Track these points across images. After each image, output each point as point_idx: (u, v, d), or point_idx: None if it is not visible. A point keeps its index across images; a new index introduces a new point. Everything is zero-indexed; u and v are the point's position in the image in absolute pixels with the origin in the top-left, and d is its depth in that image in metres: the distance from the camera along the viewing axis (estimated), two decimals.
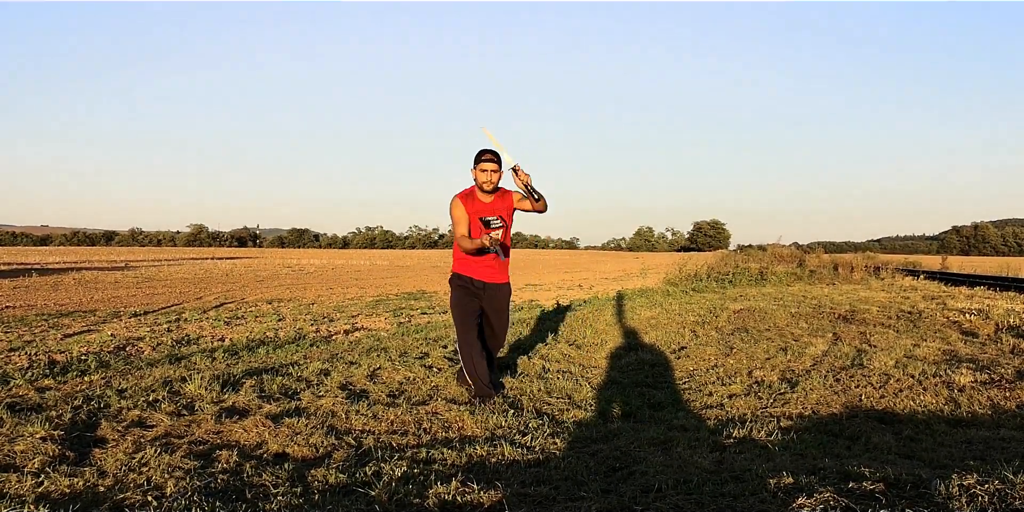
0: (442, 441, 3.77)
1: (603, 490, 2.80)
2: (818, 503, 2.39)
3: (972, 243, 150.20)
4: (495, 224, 4.95)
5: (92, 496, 2.86)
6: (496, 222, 4.95)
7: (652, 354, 6.98)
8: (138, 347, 7.27)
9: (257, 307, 12.25)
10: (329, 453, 3.53)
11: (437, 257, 61.72)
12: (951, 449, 3.56)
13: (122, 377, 5.42)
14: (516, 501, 2.67)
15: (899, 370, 5.75)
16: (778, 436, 3.79)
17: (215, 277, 22.28)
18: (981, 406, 4.69)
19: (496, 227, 4.94)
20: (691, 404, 4.94)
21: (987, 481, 2.46)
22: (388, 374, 5.67)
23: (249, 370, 5.70)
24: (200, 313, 10.96)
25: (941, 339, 7.68)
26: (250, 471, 3.14)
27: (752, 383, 5.53)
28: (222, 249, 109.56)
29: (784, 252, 24.51)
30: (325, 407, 4.49)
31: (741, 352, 6.90)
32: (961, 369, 5.69)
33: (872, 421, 4.27)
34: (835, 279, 19.11)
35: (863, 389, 5.17)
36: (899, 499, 2.42)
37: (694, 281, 18.36)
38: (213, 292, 15.70)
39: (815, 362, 6.29)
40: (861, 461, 3.11)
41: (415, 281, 21.64)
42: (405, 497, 2.73)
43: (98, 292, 14.88)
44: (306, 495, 2.82)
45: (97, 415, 4.22)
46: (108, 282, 18.40)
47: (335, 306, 12.59)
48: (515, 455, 3.40)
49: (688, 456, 3.31)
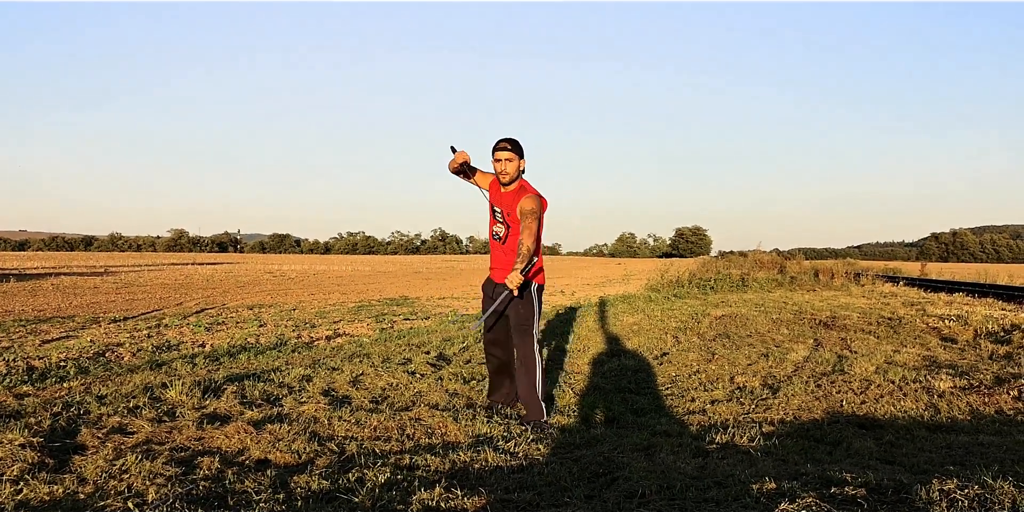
0: (425, 447, 3.76)
1: (587, 496, 2.80)
2: (800, 508, 2.40)
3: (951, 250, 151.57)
4: (498, 217, 4.50)
5: (72, 503, 2.83)
6: (500, 216, 4.49)
7: (635, 360, 6.99)
8: (118, 353, 7.20)
9: (238, 313, 12.18)
10: (312, 459, 3.51)
11: (419, 263, 61.64)
12: (931, 454, 3.59)
13: (102, 383, 5.37)
14: (500, 507, 2.67)
15: (879, 376, 5.80)
16: (760, 441, 3.81)
17: (196, 283, 22.13)
18: (960, 412, 4.74)
19: (500, 221, 4.50)
20: (674, 410, 4.95)
21: (967, 486, 2.48)
22: (371, 380, 5.65)
23: (231, 376, 5.67)
24: (181, 319, 10.88)
25: (921, 345, 7.75)
26: (232, 478, 3.12)
27: (734, 389, 5.55)
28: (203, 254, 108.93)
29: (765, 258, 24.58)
30: (307, 413, 4.47)
31: (723, 358, 6.93)
32: (941, 375, 5.74)
33: (853, 427, 4.30)
34: (816, 285, 19.23)
35: (844, 395, 5.20)
36: (881, 504, 2.44)
37: (676, 287, 18.42)
38: (194, 298, 15.59)
39: (796, 368, 6.33)
40: (843, 466, 3.13)
41: (397, 287, 21.60)
42: (389, 503, 2.72)
43: (77, 298, 14.75)
44: (289, 502, 2.80)
45: (77, 422, 4.17)
46: (87, 287, 18.24)
47: (317, 312, 12.54)
48: (499, 461, 3.40)
49: (671, 462, 3.32)
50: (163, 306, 13.33)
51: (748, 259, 26.15)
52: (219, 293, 17.41)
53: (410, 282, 25.39)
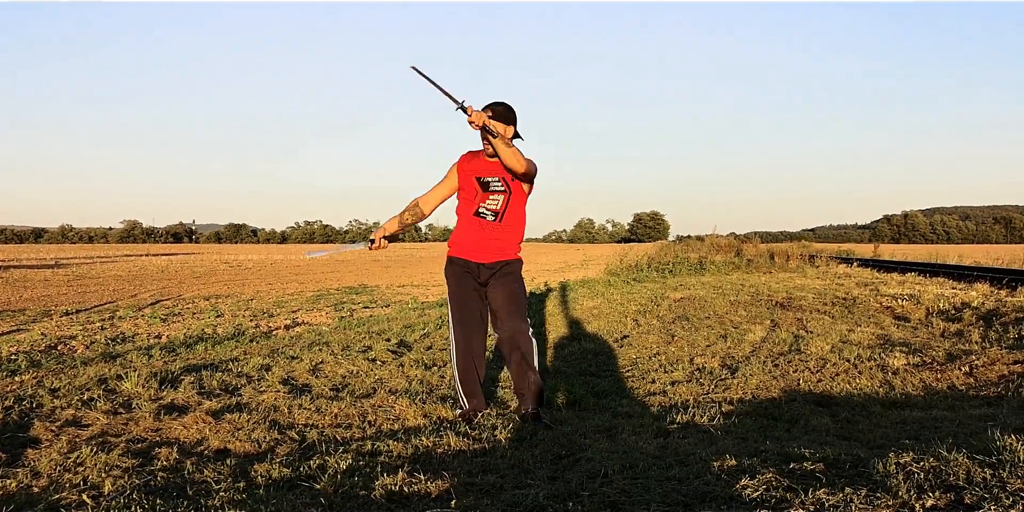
0: (387, 433, 3.74)
1: (550, 477, 2.80)
2: (761, 483, 2.43)
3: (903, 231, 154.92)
4: (495, 187, 4.07)
5: (26, 497, 2.77)
6: (497, 184, 4.07)
7: (595, 343, 7.02)
8: (71, 346, 7.06)
9: (195, 304, 12.02)
10: (272, 448, 3.48)
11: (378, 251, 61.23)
12: (887, 430, 3.65)
13: (55, 376, 5.26)
14: (463, 490, 2.66)
15: (835, 355, 5.90)
16: (720, 421, 3.85)
17: (150, 274, 21.79)
18: (914, 388, 4.84)
19: (496, 191, 4.08)
20: (635, 391, 4.99)
21: (922, 459, 2.53)
22: (331, 368, 5.61)
23: (188, 367, 5.59)
24: (135, 311, 10.71)
25: (875, 324, 7.89)
26: (191, 468, 3.08)
27: (694, 370, 5.60)
28: (157, 245, 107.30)
29: (722, 242, 24.83)
30: (267, 402, 4.43)
31: (682, 340, 6.99)
32: (894, 353, 5.85)
33: (810, 404, 4.37)
34: (772, 268, 19.48)
35: (801, 374, 5.28)
36: (839, 478, 2.47)
37: (635, 271, 18.56)
38: (148, 289, 15.35)
39: (754, 348, 6.41)
40: (801, 443, 3.17)
41: (356, 275, 21.46)
42: (351, 489, 2.70)
43: (27, 291, 14.44)
44: (249, 490, 2.77)
45: (29, 415, 4.09)
46: (38, 280, 17.87)
47: (275, 301, 12.42)
48: (461, 445, 3.39)
49: (633, 442, 3.34)
50: (117, 298, 13.10)
51: (705, 243, 26.40)
52: (175, 284, 17.17)
53: (369, 270, 25.24)
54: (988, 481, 2.30)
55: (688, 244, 31.11)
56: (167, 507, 2.57)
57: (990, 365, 5.24)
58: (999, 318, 7.56)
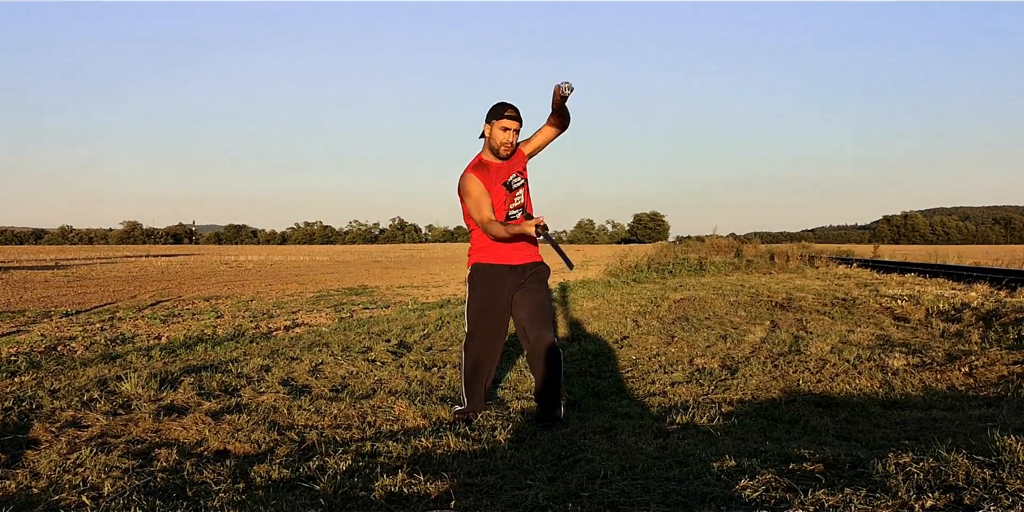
0: (387, 434, 3.74)
1: (549, 478, 2.80)
2: (760, 484, 2.43)
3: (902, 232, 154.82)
4: (516, 183, 4.07)
5: (26, 498, 2.77)
6: (518, 181, 4.07)
7: (595, 344, 7.02)
8: (70, 347, 7.06)
9: (194, 305, 12.01)
10: (272, 449, 3.48)
11: (378, 252, 61.35)
12: (886, 430, 3.65)
13: (54, 377, 5.26)
14: (463, 491, 2.66)
15: (835, 355, 5.90)
16: (720, 421, 3.85)
17: (150, 275, 21.79)
18: (914, 388, 4.83)
19: (518, 186, 4.08)
20: (634, 392, 4.99)
21: (922, 459, 2.53)
22: (330, 369, 5.61)
23: (187, 368, 5.59)
24: (135, 312, 10.70)
25: (875, 324, 7.89)
26: (191, 469, 3.08)
27: (694, 370, 5.60)
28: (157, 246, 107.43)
29: (722, 243, 24.84)
30: (267, 403, 4.43)
31: (682, 340, 6.99)
32: (894, 353, 5.85)
33: (810, 405, 4.37)
34: (771, 268, 19.49)
35: (801, 374, 5.28)
36: (838, 478, 2.47)
37: (635, 272, 18.55)
38: (148, 290, 15.34)
39: (754, 349, 6.41)
40: (801, 443, 3.17)
41: (356, 276, 21.46)
42: (351, 490, 2.70)
43: (27, 292, 14.44)
44: (249, 491, 2.77)
45: (29, 416, 4.09)
46: (38, 281, 17.87)
47: (275, 302, 12.41)
48: (461, 446, 3.39)
49: (633, 443, 3.34)
50: (117, 299, 13.10)
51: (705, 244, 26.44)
52: (174, 285, 17.16)
53: (369, 271, 25.25)
54: (988, 481, 2.30)
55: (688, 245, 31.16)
56: (167, 508, 2.57)
57: (990, 365, 5.24)
58: (999, 318, 7.57)
